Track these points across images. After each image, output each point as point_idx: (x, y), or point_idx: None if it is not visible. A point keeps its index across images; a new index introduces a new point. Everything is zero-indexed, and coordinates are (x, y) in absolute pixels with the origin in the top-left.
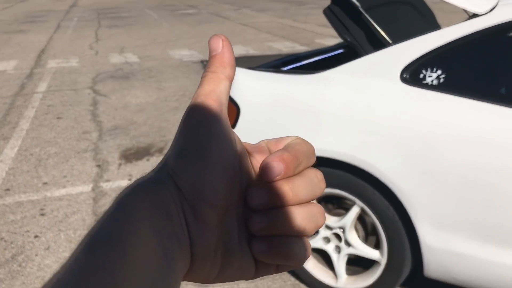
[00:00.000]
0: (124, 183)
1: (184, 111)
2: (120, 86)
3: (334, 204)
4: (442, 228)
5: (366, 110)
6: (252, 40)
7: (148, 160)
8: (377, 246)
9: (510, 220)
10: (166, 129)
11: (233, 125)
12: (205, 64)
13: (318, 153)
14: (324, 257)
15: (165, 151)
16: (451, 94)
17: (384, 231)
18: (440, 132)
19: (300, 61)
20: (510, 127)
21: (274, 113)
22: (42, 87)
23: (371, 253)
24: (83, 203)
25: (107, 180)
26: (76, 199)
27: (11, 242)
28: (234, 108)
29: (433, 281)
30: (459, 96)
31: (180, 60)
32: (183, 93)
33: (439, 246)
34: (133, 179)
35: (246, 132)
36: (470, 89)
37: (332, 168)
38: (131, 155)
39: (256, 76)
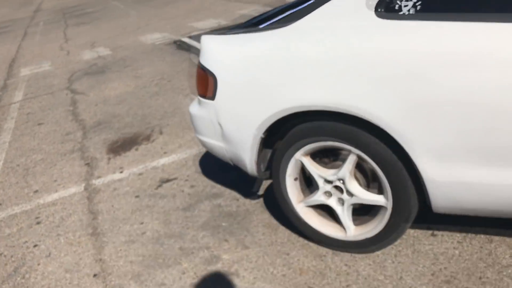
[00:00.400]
0: (117, 176)
1: (165, 95)
2: (96, 81)
3: (330, 157)
4: (443, 159)
5: (347, 54)
6: (223, 11)
7: (136, 149)
8: (380, 191)
9: (510, 139)
10: (150, 116)
11: (212, 96)
12: (179, 44)
13: (308, 107)
14: (329, 213)
15: (153, 138)
16: (431, 20)
17: (384, 174)
18: (426, 62)
19: (272, 18)
20: (500, 42)
21: (253, 75)
22: (18, 96)
23: (375, 198)
24: (78, 204)
25: (99, 177)
26: (70, 201)
27: (11, 256)
28: (210, 78)
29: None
30: (440, 20)
31: (153, 44)
32: (161, 77)
33: (443, 179)
34: (125, 171)
35: (228, 100)
36: (450, 11)
37: (322, 120)
38: (118, 148)
39: (228, 40)
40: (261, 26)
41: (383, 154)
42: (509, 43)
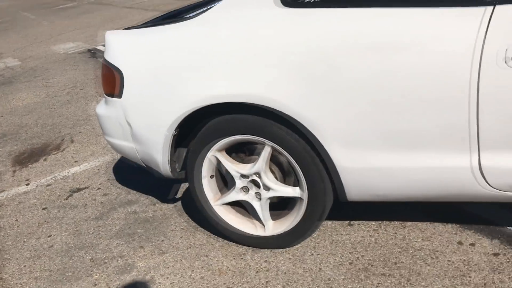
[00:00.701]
0: (22, 189)
1: (77, 103)
2: (2, 92)
3: (246, 152)
4: (353, 146)
5: (255, 44)
6: (140, 20)
7: (45, 160)
8: (296, 183)
9: (420, 122)
10: (61, 124)
11: (119, 93)
12: (93, 52)
13: (216, 100)
14: (248, 210)
15: (63, 147)
16: (336, 6)
17: (298, 164)
18: (336, 48)
19: (180, 14)
20: (403, 27)
21: (160, 69)
22: None
23: (291, 191)
24: None
25: (2, 190)
26: None
27: None
28: (116, 75)
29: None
30: (345, 7)
31: (66, 53)
32: (74, 85)
33: (355, 166)
34: (32, 183)
35: (136, 98)
36: None
37: (233, 114)
38: (25, 159)
39: (133, 34)
40: (167, 20)
41: (296, 145)
42: (407, 28)
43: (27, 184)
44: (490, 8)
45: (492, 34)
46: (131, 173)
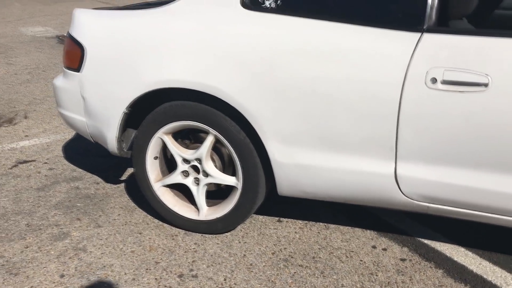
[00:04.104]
0: None
1: (37, 83)
2: None
3: (191, 140)
4: (288, 143)
5: (211, 37)
6: None
7: None
8: (233, 174)
9: (343, 127)
10: (16, 101)
11: (79, 68)
12: (61, 39)
13: (168, 84)
14: (186, 195)
15: (15, 121)
16: (287, 15)
17: (237, 155)
18: (279, 50)
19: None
20: (340, 40)
21: (121, 49)
22: None
23: (227, 179)
24: None
25: None
26: None
27: None
28: (78, 49)
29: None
30: (295, 16)
31: (33, 36)
32: (36, 66)
33: (287, 161)
34: None
35: (94, 73)
36: (304, 9)
37: (184, 99)
38: None
39: (101, 14)
40: (134, 6)
41: (237, 136)
42: (342, 39)
43: None
44: (418, 34)
45: (417, 57)
46: (80, 153)
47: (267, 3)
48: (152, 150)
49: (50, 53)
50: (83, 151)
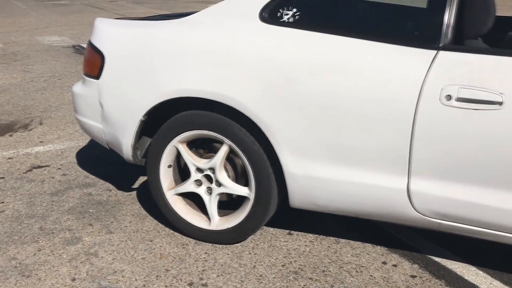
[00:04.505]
0: None
1: (52, 90)
2: None
3: (205, 149)
4: (302, 154)
5: (229, 49)
6: None
7: (11, 135)
8: (246, 185)
9: (361, 141)
10: (32, 107)
11: (98, 75)
12: (77, 49)
13: (185, 94)
14: (197, 203)
15: (31, 127)
16: (305, 29)
17: (250, 165)
18: (295, 64)
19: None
20: (357, 55)
21: (139, 58)
22: None
23: (240, 189)
24: None
25: None
26: None
27: None
28: (98, 57)
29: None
30: (312, 31)
31: (50, 45)
32: (52, 74)
33: (300, 173)
34: None
35: (112, 81)
36: (322, 24)
37: (200, 109)
38: None
39: (122, 23)
40: (154, 17)
41: (251, 147)
42: (359, 55)
43: None
44: (433, 52)
45: (432, 74)
46: (93, 160)
47: (285, 18)
48: (166, 158)
49: (66, 62)
50: (96, 158)
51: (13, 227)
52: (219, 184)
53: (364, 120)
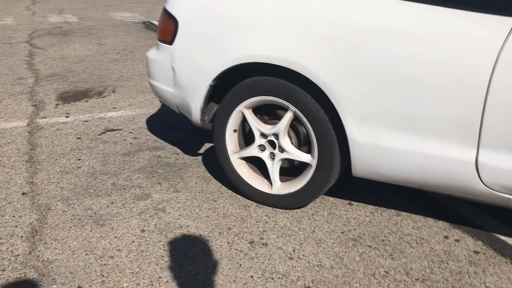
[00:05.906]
0: (62, 119)
1: (124, 62)
2: (58, 41)
3: (269, 116)
4: (368, 122)
5: (297, 13)
6: None
7: (86, 101)
8: (309, 153)
9: (431, 110)
10: (105, 77)
11: (171, 41)
12: (147, 25)
13: (253, 59)
14: (260, 168)
15: (105, 94)
16: None
17: (314, 132)
18: (367, 29)
19: None
20: (431, 22)
21: (210, 23)
22: None
23: (303, 156)
24: (18, 136)
25: (44, 117)
26: (10, 132)
27: None
28: (172, 23)
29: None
30: None
31: (122, 21)
32: (124, 47)
33: (365, 141)
34: (71, 116)
35: (185, 46)
36: None
37: (267, 75)
38: (69, 97)
39: None
40: None
41: (316, 114)
42: (433, 22)
43: (67, 117)
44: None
45: (510, 42)
46: (162, 126)
47: None
48: (232, 122)
49: (137, 37)
50: (165, 125)
51: (89, 182)
52: (282, 150)
53: (436, 89)
